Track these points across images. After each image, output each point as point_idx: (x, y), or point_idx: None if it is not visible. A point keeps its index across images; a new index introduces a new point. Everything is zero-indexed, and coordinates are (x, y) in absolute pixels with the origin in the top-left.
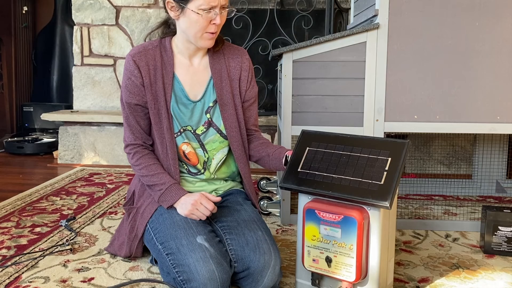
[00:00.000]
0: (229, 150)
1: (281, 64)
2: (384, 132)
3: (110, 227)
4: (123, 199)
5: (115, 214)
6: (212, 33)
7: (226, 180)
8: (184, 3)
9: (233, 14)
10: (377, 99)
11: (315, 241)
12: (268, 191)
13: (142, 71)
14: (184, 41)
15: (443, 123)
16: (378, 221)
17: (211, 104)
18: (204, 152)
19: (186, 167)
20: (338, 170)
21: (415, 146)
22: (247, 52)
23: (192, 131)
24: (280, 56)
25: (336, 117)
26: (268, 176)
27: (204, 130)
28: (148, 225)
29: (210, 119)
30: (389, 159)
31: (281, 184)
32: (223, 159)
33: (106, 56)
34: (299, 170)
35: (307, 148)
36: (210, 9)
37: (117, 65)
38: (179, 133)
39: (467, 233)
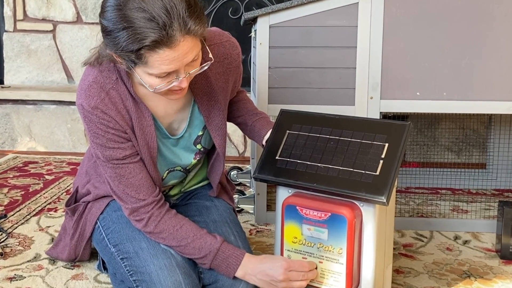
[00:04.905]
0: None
1: (255, 30)
2: (380, 112)
3: (48, 226)
4: (65, 194)
5: (55, 211)
6: (179, 90)
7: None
8: (130, 64)
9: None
10: (371, 73)
11: (296, 244)
12: (240, 184)
13: (118, 120)
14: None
15: (451, 101)
16: (373, 220)
17: (199, 133)
18: (184, 176)
19: None
20: (325, 158)
21: (418, 129)
22: (237, 44)
23: (182, 169)
24: (254, 20)
25: (322, 94)
26: (240, 166)
27: (197, 162)
28: (98, 222)
29: (202, 149)
30: (386, 144)
31: (255, 175)
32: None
33: (43, 20)
34: (277, 158)
35: (287, 131)
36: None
37: (57, 32)
38: (165, 175)
39: (481, 234)
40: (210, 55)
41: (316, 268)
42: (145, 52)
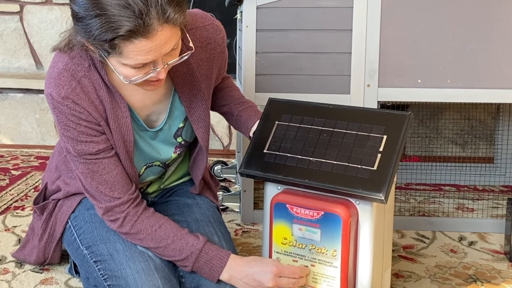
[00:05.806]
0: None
1: (241, 12)
2: (378, 102)
3: (15, 226)
4: (33, 190)
5: (22, 209)
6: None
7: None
8: (103, 53)
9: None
10: (368, 58)
11: (286, 246)
12: (225, 180)
13: (90, 112)
14: None
15: (455, 90)
16: (370, 219)
17: (180, 125)
18: (163, 172)
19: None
20: (317, 151)
21: (419, 120)
22: (221, 27)
23: (161, 164)
24: (240, 0)
25: (314, 81)
26: (225, 160)
27: (177, 156)
28: (69, 222)
29: (183, 142)
30: (385, 137)
31: (241, 170)
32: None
33: (9, 0)
34: (265, 151)
35: (276, 122)
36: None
37: (25, 13)
38: (142, 171)
39: (488, 234)
40: (191, 44)
41: (308, 274)
42: (120, 42)
